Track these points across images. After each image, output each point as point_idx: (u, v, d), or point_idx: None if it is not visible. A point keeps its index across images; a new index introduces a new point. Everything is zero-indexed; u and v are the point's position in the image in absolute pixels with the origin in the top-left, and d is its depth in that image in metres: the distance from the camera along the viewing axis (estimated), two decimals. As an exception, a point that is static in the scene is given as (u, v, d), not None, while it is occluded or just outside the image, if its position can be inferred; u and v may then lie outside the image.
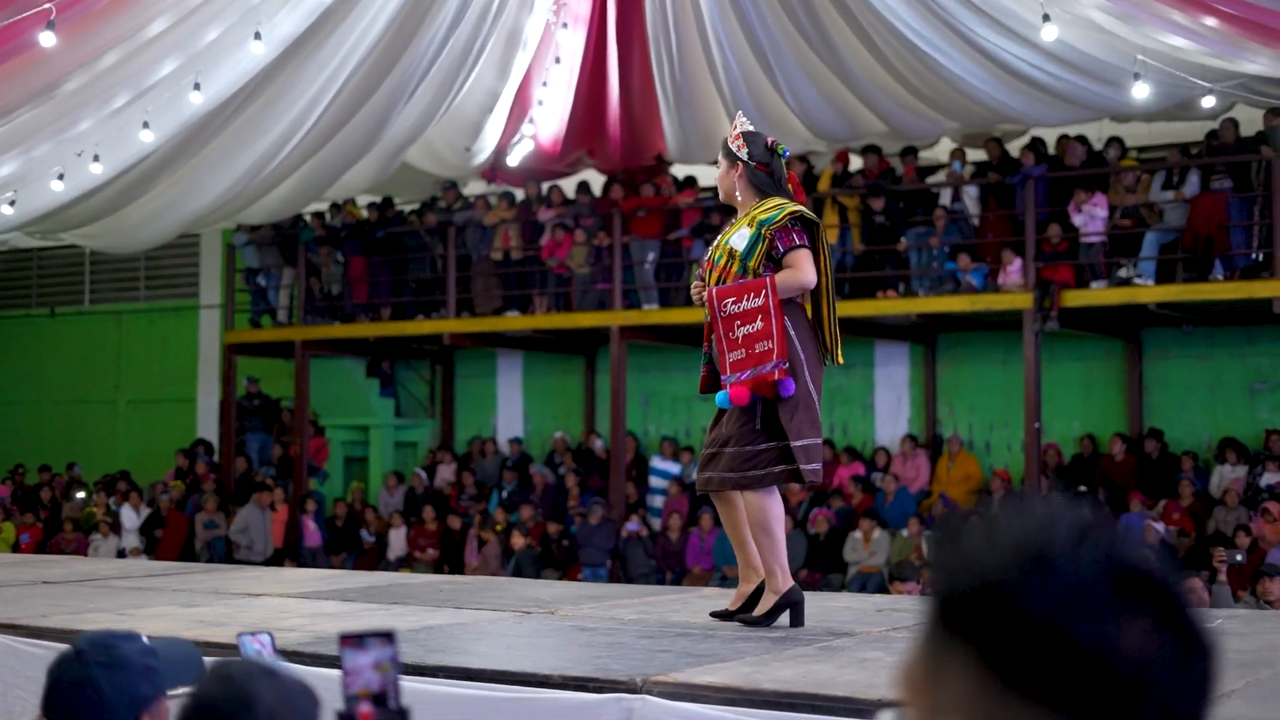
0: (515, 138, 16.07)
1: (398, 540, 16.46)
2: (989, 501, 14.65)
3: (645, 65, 14.82)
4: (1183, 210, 13.51)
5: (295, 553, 16.29)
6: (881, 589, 12.51)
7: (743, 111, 6.02)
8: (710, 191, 15.98)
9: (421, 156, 16.27)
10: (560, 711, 4.21)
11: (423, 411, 19.19)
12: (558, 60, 15.24)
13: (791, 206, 5.38)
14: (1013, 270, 13.91)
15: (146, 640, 2.80)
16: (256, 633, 3.19)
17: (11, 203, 13.19)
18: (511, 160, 16.34)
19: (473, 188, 17.83)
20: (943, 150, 15.68)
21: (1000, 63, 12.52)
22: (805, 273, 5.30)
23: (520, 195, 17.21)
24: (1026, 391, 13.90)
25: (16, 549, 16.63)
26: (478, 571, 14.89)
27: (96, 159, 12.34)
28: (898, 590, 8.70)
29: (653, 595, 6.99)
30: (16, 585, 7.14)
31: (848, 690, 3.93)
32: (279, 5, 10.86)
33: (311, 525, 16.70)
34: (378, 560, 16.40)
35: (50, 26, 9.11)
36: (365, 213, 17.72)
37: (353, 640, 2.04)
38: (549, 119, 16.03)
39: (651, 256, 15.77)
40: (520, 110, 15.72)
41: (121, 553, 16.52)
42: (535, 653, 4.95)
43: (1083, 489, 14.52)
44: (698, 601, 6.42)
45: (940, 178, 15.35)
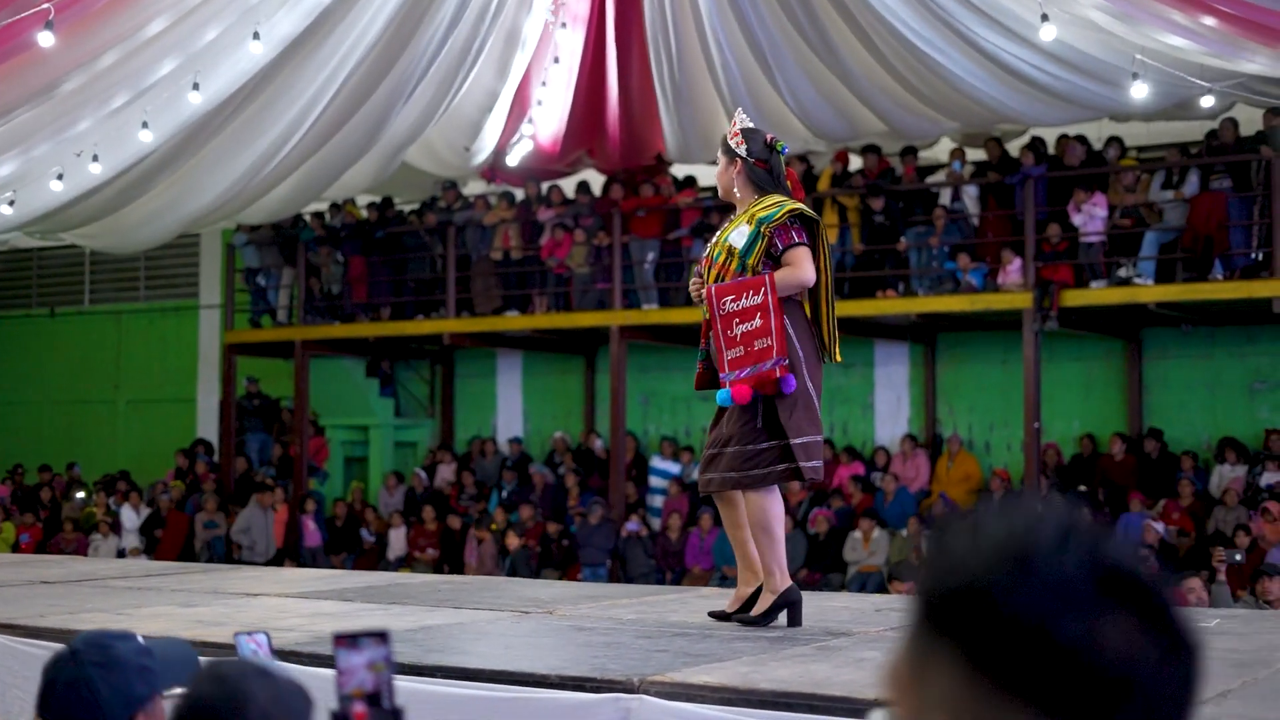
0: (514, 137, 16.07)
1: (397, 540, 16.46)
2: (988, 501, 14.73)
3: (644, 65, 14.82)
4: (1182, 210, 13.51)
5: (295, 553, 16.29)
6: (881, 589, 12.51)
7: (742, 109, 6.00)
8: (710, 191, 15.98)
9: (421, 156, 16.28)
10: (557, 711, 4.20)
11: (422, 411, 19.20)
12: (556, 60, 15.24)
13: (791, 204, 5.37)
14: (1012, 270, 13.91)
15: (142, 640, 2.80)
16: (253, 632, 3.19)
17: (11, 203, 13.20)
18: (511, 160, 16.34)
19: (472, 187, 17.83)
20: (942, 150, 15.68)
21: (999, 62, 12.52)
22: (804, 270, 5.30)
23: (520, 195, 17.21)
24: (1026, 391, 13.90)
25: (16, 549, 16.63)
26: (475, 571, 14.90)
27: (95, 159, 12.34)
28: (897, 590, 8.70)
29: (651, 595, 6.99)
30: (15, 585, 7.14)
31: (844, 690, 3.93)
32: (277, 5, 10.86)
33: (311, 525, 16.70)
34: (377, 560, 16.40)
35: (49, 26, 9.12)
36: (365, 212, 17.72)
37: (346, 640, 2.04)
38: (548, 119, 16.03)
39: (651, 256, 15.77)
40: (519, 110, 15.72)
41: (121, 553, 16.52)
42: (533, 653, 4.95)
43: (1082, 489, 14.53)
44: (696, 601, 6.42)
45: (940, 177, 15.35)
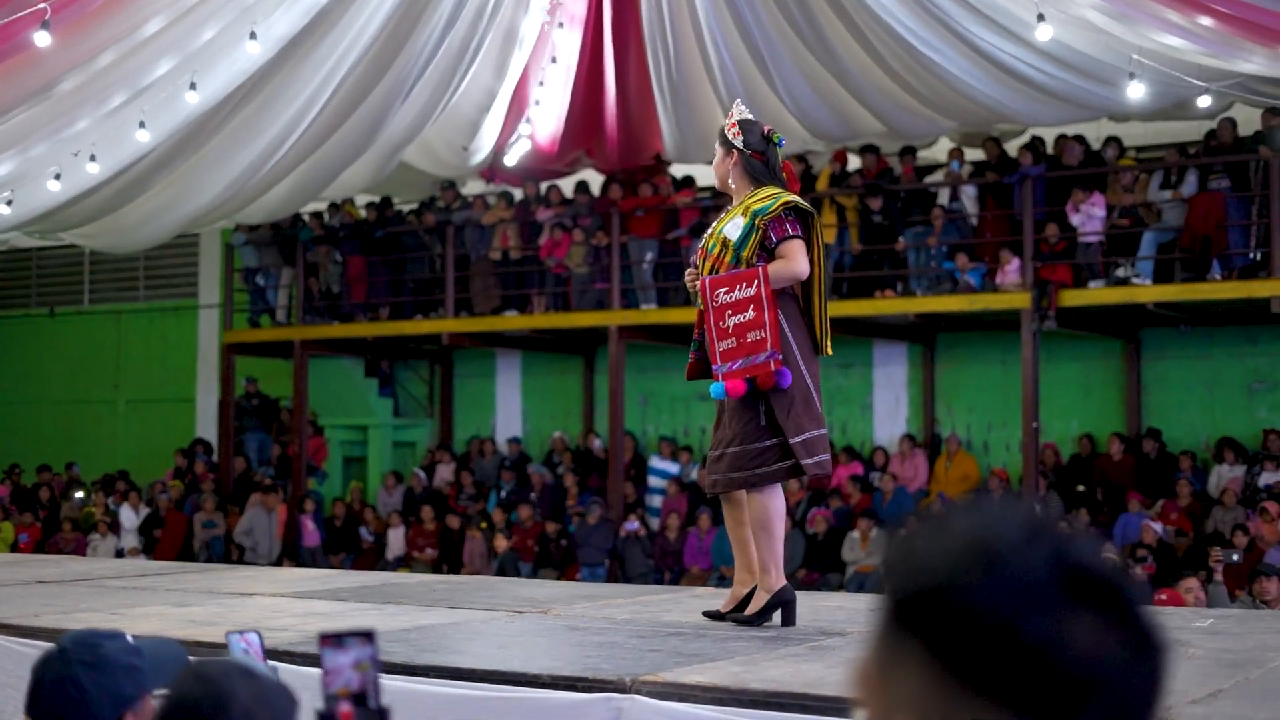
0: (513, 137, 16.07)
1: (396, 540, 16.46)
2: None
3: (642, 65, 14.81)
4: (1181, 210, 13.50)
5: (294, 552, 16.30)
6: (879, 589, 12.50)
7: (740, 100, 5.98)
8: (708, 191, 15.98)
9: (419, 156, 16.28)
10: (550, 711, 4.20)
11: (421, 411, 19.20)
12: (554, 60, 15.24)
13: (786, 196, 5.36)
14: (1011, 270, 13.91)
15: (131, 639, 2.79)
16: (244, 632, 3.19)
17: (9, 203, 13.20)
18: (509, 160, 16.34)
19: (471, 187, 17.83)
20: (941, 150, 15.68)
21: (996, 62, 12.51)
22: (798, 263, 5.29)
23: (519, 195, 17.21)
24: (1024, 391, 13.89)
25: (15, 549, 16.63)
26: (466, 571, 14.93)
27: (93, 159, 12.35)
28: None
29: (646, 595, 6.98)
30: (10, 585, 7.14)
31: (836, 690, 3.92)
32: (275, 5, 10.86)
33: (310, 525, 16.70)
34: (376, 560, 16.40)
35: (45, 26, 9.12)
36: (364, 212, 17.73)
37: (332, 640, 2.04)
38: (546, 119, 16.03)
39: (650, 256, 15.77)
40: (517, 110, 15.72)
41: (120, 552, 16.52)
42: (526, 652, 4.94)
43: (1081, 489, 14.54)
44: (691, 601, 6.41)
45: (938, 177, 15.35)
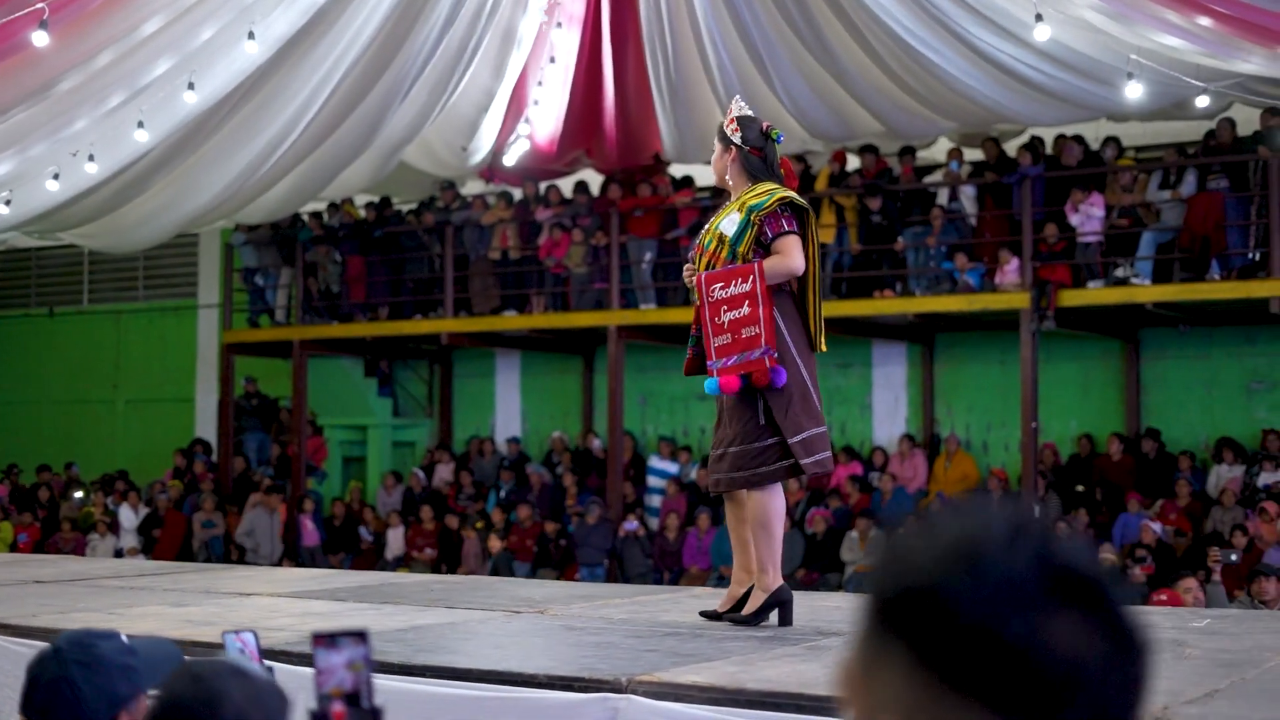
0: (511, 137, 16.07)
1: (395, 540, 16.46)
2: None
3: (640, 65, 14.82)
4: (1180, 210, 13.50)
5: (293, 552, 16.31)
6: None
7: (739, 96, 5.98)
8: (707, 191, 15.99)
9: (419, 156, 16.28)
10: (545, 711, 4.20)
11: (421, 411, 19.20)
12: (553, 60, 15.25)
13: (781, 192, 5.36)
14: (1010, 270, 13.91)
15: (126, 639, 2.79)
16: (240, 631, 3.19)
17: (7, 202, 13.21)
18: (508, 160, 16.34)
19: (470, 187, 17.83)
20: (940, 150, 15.68)
21: (994, 62, 12.51)
22: (794, 259, 5.29)
23: (518, 195, 17.21)
24: (1023, 391, 13.89)
25: (14, 549, 16.64)
26: (461, 571, 14.94)
27: (91, 159, 12.35)
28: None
29: (643, 595, 6.98)
30: (8, 585, 7.14)
31: (831, 689, 3.92)
32: (273, 4, 10.86)
33: (310, 525, 16.71)
34: (375, 560, 16.40)
35: (43, 26, 9.12)
36: (363, 212, 17.73)
37: (325, 640, 2.04)
38: (545, 118, 16.04)
39: (649, 256, 15.77)
40: (516, 110, 15.72)
41: (119, 552, 16.52)
42: (522, 652, 4.94)
43: (1080, 489, 14.54)
44: (688, 601, 6.41)
45: (937, 177, 15.35)
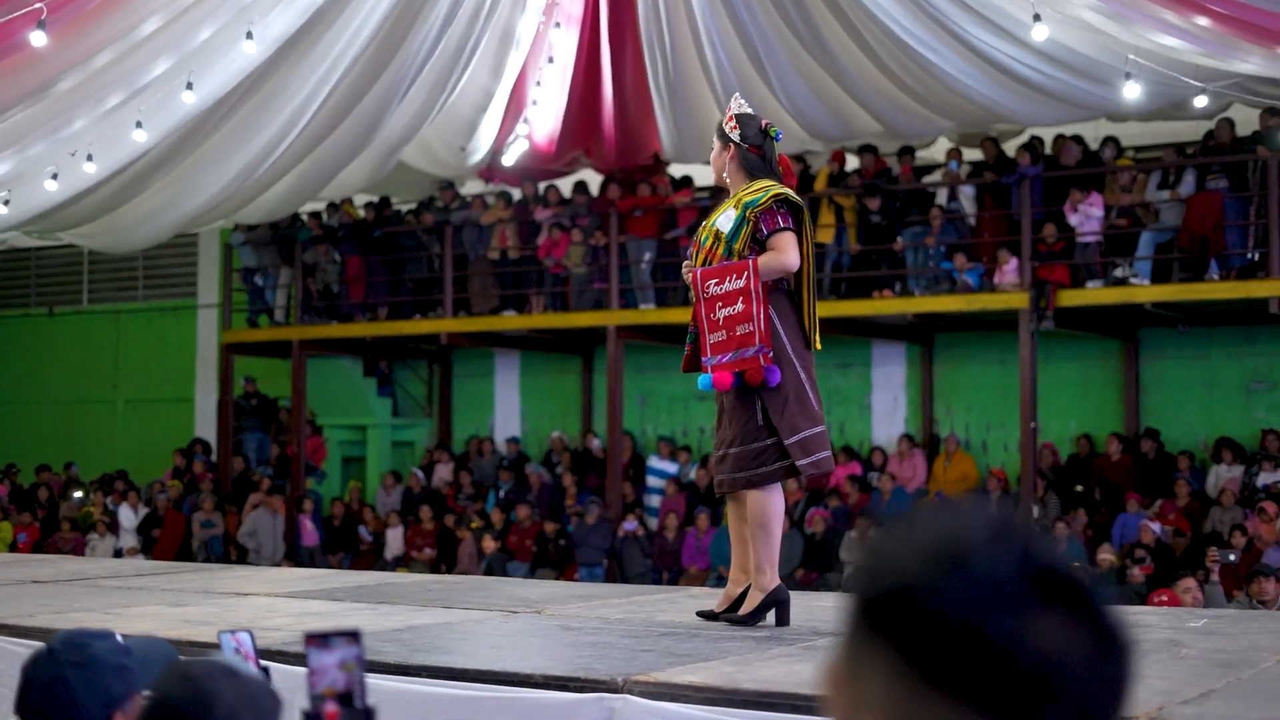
0: (510, 137, 16.07)
1: (395, 540, 16.46)
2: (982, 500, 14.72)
3: (639, 65, 14.81)
4: (1179, 210, 13.50)
5: (292, 552, 16.31)
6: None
7: (739, 94, 5.98)
8: (707, 191, 15.99)
9: (418, 156, 16.28)
10: (541, 711, 4.20)
11: (420, 411, 19.20)
12: (551, 60, 15.25)
13: (777, 189, 5.37)
14: (1009, 270, 13.91)
15: (120, 639, 2.79)
16: (236, 631, 3.19)
17: (6, 202, 13.21)
18: (507, 160, 16.34)
19: (470, 187, 17.83)
20: (939, 150, 15.68)
21: (993, 62, 12.51)
22: (788, 255, 5.29)
23: (517, 195, 17.21)
24: (1022, 391, 13.89)
25: (14, 549, 16.64)
26: (458, 572, 14.95)
27: (90, 159, 12.35)
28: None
29: (640, 595, 6.98)
30: (6, 585, 7.15)
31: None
32: (271, 4, 10.86)
33: (309, 525, 16.71)
34: (375, 560, 16.40)
35: (41, 26, 9.12)
36: (362, 212, 17.73)
37: (318, 640, 2.04)
38: (544, 118, 16.03)
39: (648, 256, 15.77)
40: (515, 110, 15.72)
41: (119, 552, 16.52)
42: (519, 652, 4.94)
43: (1079, 489, 14.54)
44: (685, 601, 6.41)
45: (936, 177, 15.35)
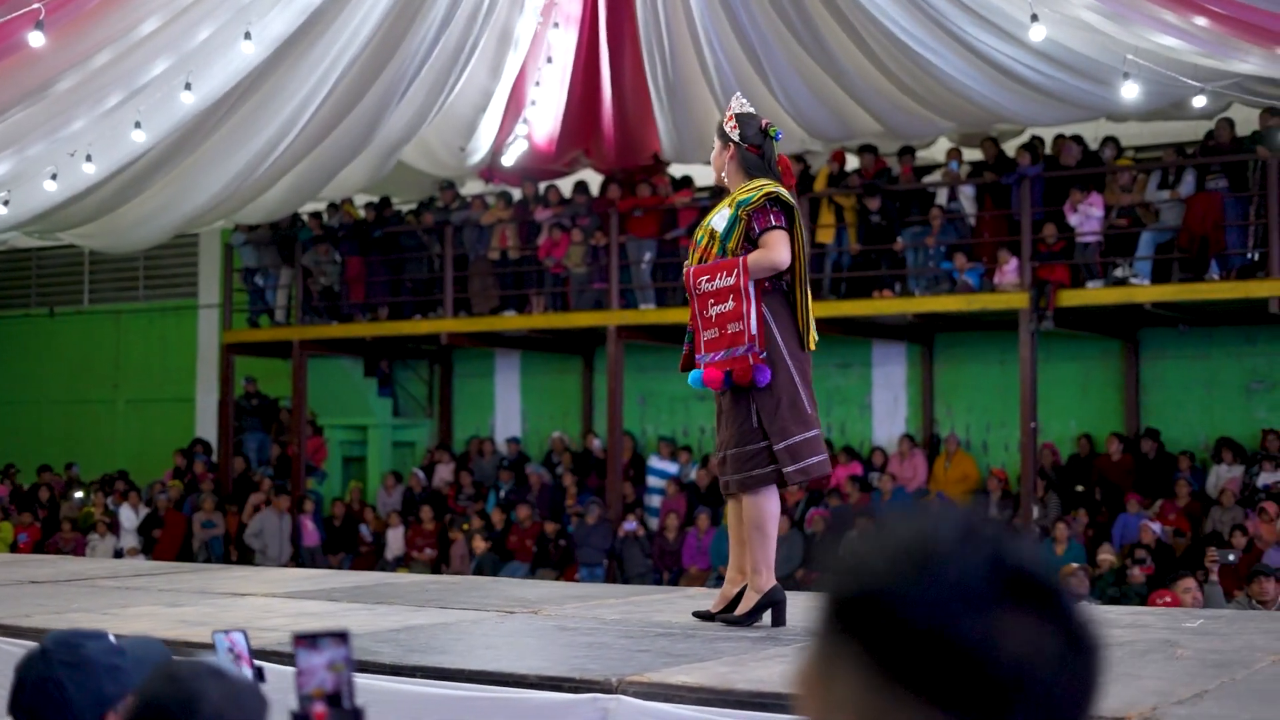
0: (510, 137, 16.07)
1: (395, 540, 16.46)
2: (982, 501, 14.66)
3: (637, 65, 14.81)
4: (1179, 210, 13.50)
5: (295, 552, 16.32)
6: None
7: (740, 94, 5.99)
8: (707, 191, 15.99)
9: (417, 156, 16.28)
10: (536, 711, 4.20)
11: (421, 411, 19.21)
12: (550, 60, 15.26)
13: (769, 187, 5.37)
14: (1009, 270, 13.91)
15: (114, 639, 2.79)
16: (230, 631, 3.19)
17: (5, 203, 13.23)
18: (507, 160, 16.35)
19: (470, 187, 17.84)
20: (939, 150, 15.68)
21: (992, 62, 12.50)
22: (777, 253, 5.29)
23: (517, 195, 17.22)
24: (1023, 391, 13.89)
25: (15, 549, 16.65)
26: (450, 572, 14.96)
27: (89, 159, 12.36)
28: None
29: (638, 595, 6.98)
30: (4, 585, 7.15)
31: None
32: (270, 5, 10.86)
33: (310, 525, 16.72)
34: (375, 560, 16.41)
35: (39, 26, 9.13)
36: (363, 212, 17.74)
37: (306, 640, 2.04)
38: (543, 119, 16.04)
39: (648, 256, 15.78)
40: (514, 110, 15.73)
41: (119, 553, 16.53)
42: (514, 653, 4.95)
43: (1079, 489, 14.54)
44: (682, 601, 6.41)
45: (936, 177, 15.35)
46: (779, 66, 13.67)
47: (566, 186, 16.97)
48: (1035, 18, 10.58)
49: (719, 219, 5.44)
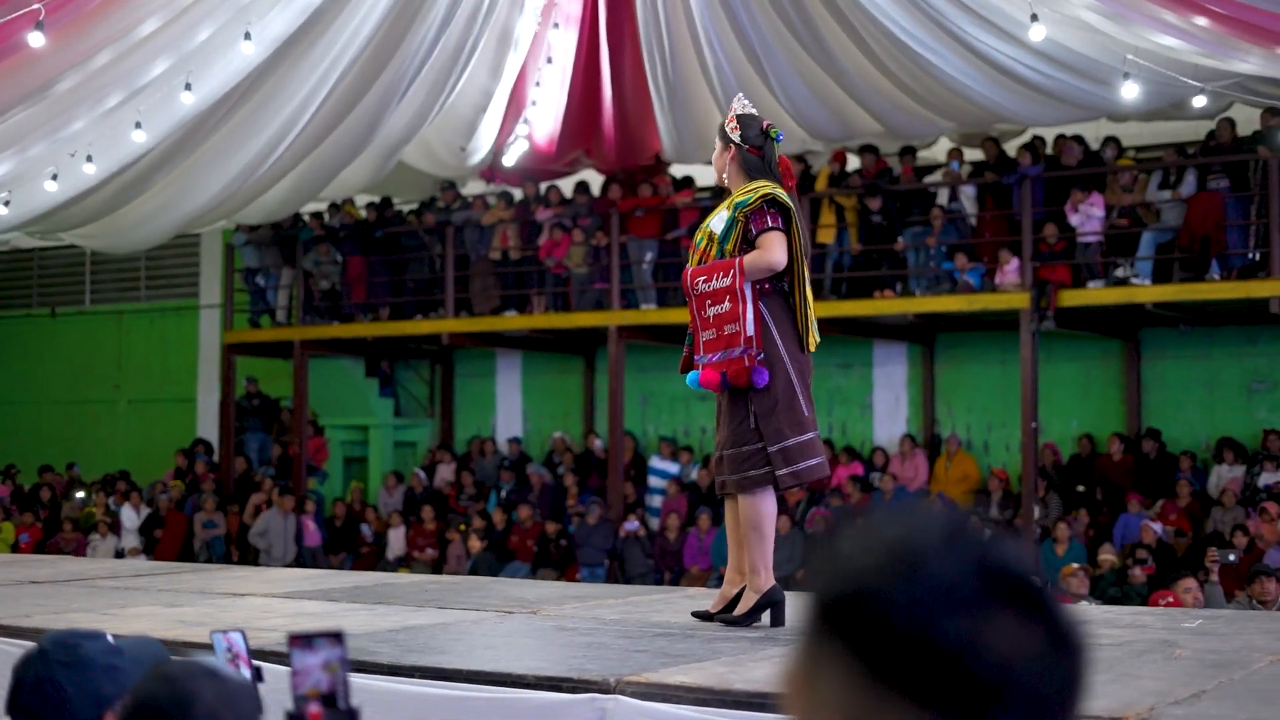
0: (510, 138, 16.08)
1: (396, 540, 16.47)
2: (983, 501, 14.65)
3: (638, 65, 14.81)
4: (1179, 210, 13.50)
5: (297, 552, 16.32)
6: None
7: (742, 94, 5.98)
8: (708, 191, 16.00)
9: (418, 156, 16.29)
10: (533, 712, 4.20)
11: (422, 411, 19.21)
12: (550, 60, 15.26)
13: (767, 188, 5.36)
14: (1010, 270, 13.90)
15: (111, 639, 2.79)
16: (228, 631, 3.19)
17: (6, 203, 13.24)
18: (507, 160, 16.35)
19: (471, 187, 17.85)
20: (940, 150, 15.68)
21: (992, 62, 12.50)
22: (773, 254, 5.29)
23: (518, 195, 17.23)
24: (1024, 391, 13.88)
25: (16, 549, 16.66)
26: (448, 573, 14.97)
27: (90, 159, 12.37)
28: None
29: (637, 595, 6.98)
30: (4, 585, 7.16)
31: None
32: (269, 5, 10.87)
33: (311, 525, 16.72)
34: (376, 560, 16.41)
35: (39, 27, 9.13)
36: (364, 212, 17.74)
37: (301, 641, 2.04)
38: (543, 119, 16.04)
39: (649, 256, 15.78)
40: (515, 110, 15.73)
41: (120, 553, 16.54)
42: (512, 653, 4.95)
43: (1080, 489, 14.53)
44: (681, 602, 6.41)
45: (937, 177, 15.35)
46: (779, 67, 13.67)
47: (567, 187, 16.98)
48: (1035, 18, 10.59)
49: (717, 221, 5.45)
